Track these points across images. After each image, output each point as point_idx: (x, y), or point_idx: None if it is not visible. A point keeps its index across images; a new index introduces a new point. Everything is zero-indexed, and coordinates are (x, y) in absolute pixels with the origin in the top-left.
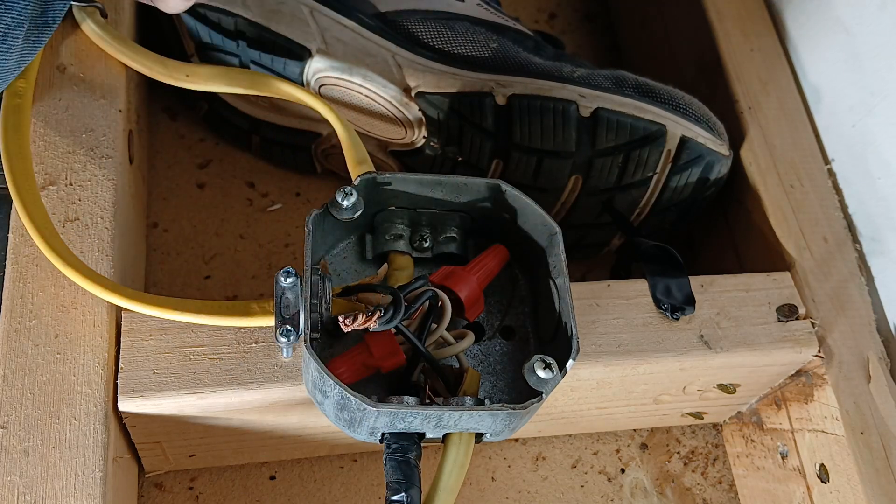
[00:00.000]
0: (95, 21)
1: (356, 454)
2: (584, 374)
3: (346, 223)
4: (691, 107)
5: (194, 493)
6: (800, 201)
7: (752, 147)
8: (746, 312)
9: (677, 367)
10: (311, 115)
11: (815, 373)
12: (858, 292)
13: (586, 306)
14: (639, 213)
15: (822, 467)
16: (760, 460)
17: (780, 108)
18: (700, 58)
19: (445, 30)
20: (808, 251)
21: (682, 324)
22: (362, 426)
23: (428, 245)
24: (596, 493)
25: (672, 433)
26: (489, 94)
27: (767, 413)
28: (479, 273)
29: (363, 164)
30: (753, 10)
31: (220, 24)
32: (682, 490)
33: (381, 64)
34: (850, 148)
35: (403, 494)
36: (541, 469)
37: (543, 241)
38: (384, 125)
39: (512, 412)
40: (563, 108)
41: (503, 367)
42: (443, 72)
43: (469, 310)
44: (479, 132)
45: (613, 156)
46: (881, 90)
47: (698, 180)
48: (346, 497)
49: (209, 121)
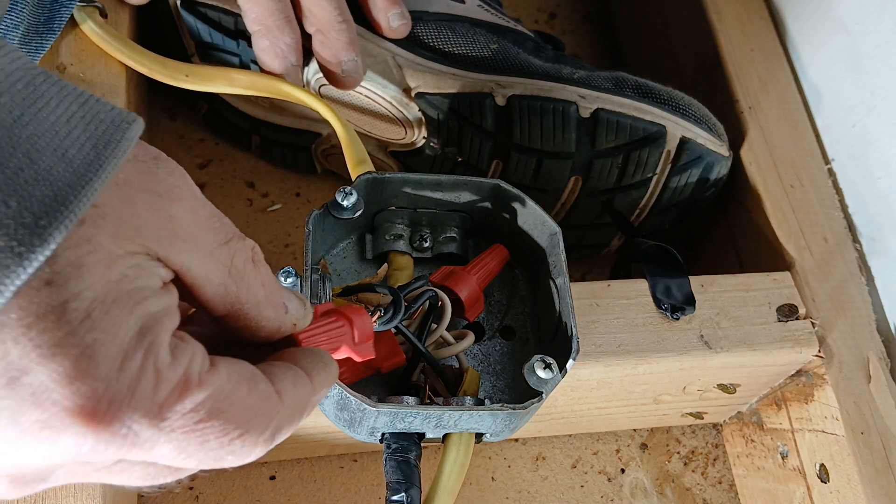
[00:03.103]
0: (95, 21)
1: (356, 454)
2: (584, 374)
3: (346, 223)
4: (691, 108)
5: (194, 493)
6: (800, 201)
7: (752, 147)
8: (746, 312)
9: (677, 367)
10: (312, 115)
11: (815, 373)
12: (858, 292)
13: (586, 306)
14: (639, 214)
15: (822, 467)
16: (760, 460)
17: (780, 108)
18: (700, 58)
19: (446, 31)
20: (808, 251)
21: (682, 324)
22: (362, 426)
23: (428, 245)
24: (596, 493)
25: (672, 433)
26: (489, 94)
27: (767, 413)
28: (479, 273)
29: (363, 164)
30: (753, 10)
31: (220, 24)
32: (682, 490)
33: (382, 64)
34: (850, 148)
35: (403, 494)
36: (541, 469)
37: (543, 241)
38: (384, 125)
39: (512, 412)
40: (563, 109)
41: (503, 367)
42: (443, 72)
43: (469, 310)
44: (478, 133)
45: (613, 156)
46: (881, 90)
47: (698, 181)
48: (346, 497)
49: (209, 121)
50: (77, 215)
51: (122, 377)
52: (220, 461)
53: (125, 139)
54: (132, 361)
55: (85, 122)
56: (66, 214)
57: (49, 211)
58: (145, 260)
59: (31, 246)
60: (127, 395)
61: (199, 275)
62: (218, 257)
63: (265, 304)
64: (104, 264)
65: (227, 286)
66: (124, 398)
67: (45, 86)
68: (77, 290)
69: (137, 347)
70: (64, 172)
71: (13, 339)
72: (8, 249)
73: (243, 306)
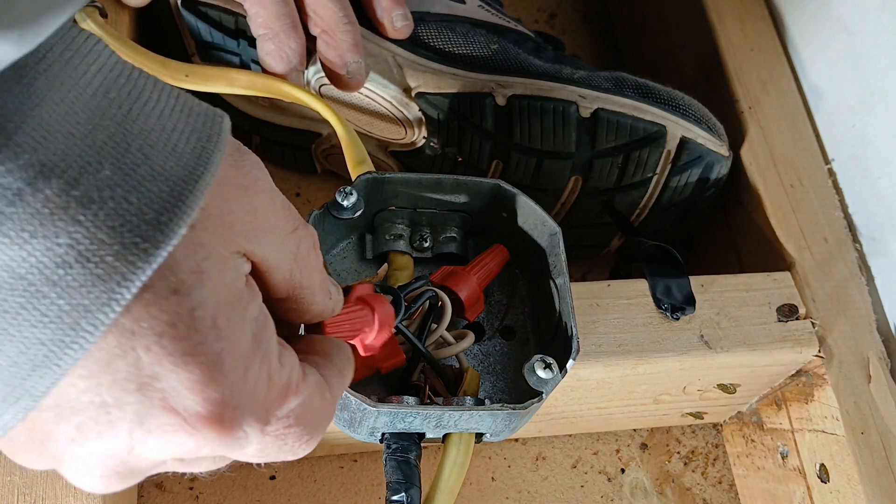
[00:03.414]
0: (95, 21)
1: (356, 454)
2: (584, 374)
3: (346, 223)
4: (691, 108)
5: (194, 493)
6: (800, 201)
7: (752, 147)
8: (746, 312)
9: (677, 367)
10: (312, 115)
11: (816, 373)
12: (858, 292)
13: (586, 306)
14: (639, 214)
15: (822, 467)
16: (760, 460)
17: (780, 108)
18: (700, 58)
19: (446, 31)
20: (808, 251)
21: (682, 324)
22: (362, 426)
23: (428, 245)
24: (596, 493)
25: (672, 433)
26: (489, 94)
27: (767, 413)
28: (479, 273)
29: (363, 164)
30: (753, 9)
31: (220, 23)
32: (682, 490)
33: (382, 64)
34: (850, 148)
35: (403, 494)
36: (541, 469)
37: (543, 241)
38: (384, 125)
39: (512, 412)
40: (563, 109)
41: (503, 367)
42: (443, 72)
43: (469, 310)
44: (479, 132)
45: (613, 156)
46: (881, 90)
47: (698, 181)
48: (346, 497)
49: None
50: (194, 210)
51: (246, 384)
52: (278, 459)
53: (223, 132)
54: (253, 369)
55: (185, 115)
56: (185, 210)
57: (168, 207)
58: (238, 258)
59: (154, 242)
60: (248, 402)
61: (273, 263)
62: (287, 245)
63: (318, 290)
64: (218, 269)
65: (292, 272)
66: (246, 404)
67: (142, 80)
68: (202, 299)
69: (255, 354)
70: (176, 167)
71: (145, 347)
72: (132, 245)
73: (302, 291)
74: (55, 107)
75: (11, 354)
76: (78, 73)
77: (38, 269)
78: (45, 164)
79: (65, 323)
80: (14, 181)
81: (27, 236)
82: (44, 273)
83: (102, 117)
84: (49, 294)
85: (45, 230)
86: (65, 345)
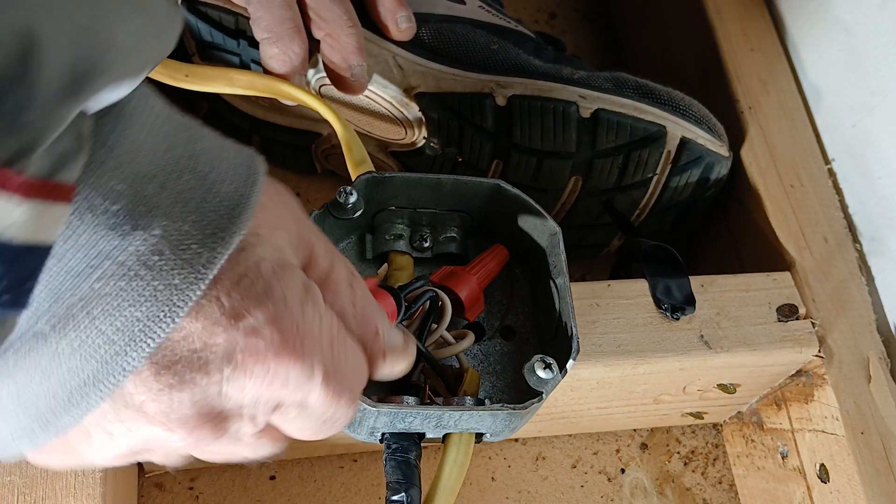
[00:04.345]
0: None
1: (356, 454)
2: (584, 374)
3: (346, 223)
4: (691, 108)
5: (194, 493)
6: (800, 201)
7: (752, 147)
8: (746, 312)
9: (677, 367)
10: (312, 116)
11: (816, 373)
12: (858, 292)
13: (586, 306)
14: (639, 214)
15: (822, 467)
16: (760, 460)
17: (780, 108)
18: (700, 57)
19: (446, 31)
20: (808, 251)
21: (682, 324)
22: (362, 426)
23: (428, 245)
24: (596, 493)
25: (672, 433)
26: (489, 94)
27: (767, 413)
28: (479, 273)
29: (363, 164)
30: (753, 10)
31: (221, 23)
32: (682, 490)
33: (382, 64)
34: (850, 148)
35: (403, 494)
36: (541, 469)
37: (543, 241)
38: (384, 125)
39: (512, 412)
40: (563, 109)
41: (503, 367)
42: (443, 72)
43: (469, 310)
44: (479, 133)
45: (613, 156)
46: (881, 90)
47: (698, 181)
48: (346, 497)
49: (209, 121)
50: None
51: (304, 321)
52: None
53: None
54: (308, 310)
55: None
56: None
57: (236, 203)
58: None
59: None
60: (309, 338)
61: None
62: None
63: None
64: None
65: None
66: (308, 340)
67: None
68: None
69: (307, 299)
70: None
71: (226, 292)
72: (212, 235)
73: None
74: (140, 130)
75: (108, 332)
76: (150, 103)
77: (136, 256)
78: (139, 172)
79: (159, 300)
80: (117, 183)
81: (129, 228)
82: (141, 259)
83: (175, 138)
84: (145, 276)
85: (144, 223)
86: (159, 319)
